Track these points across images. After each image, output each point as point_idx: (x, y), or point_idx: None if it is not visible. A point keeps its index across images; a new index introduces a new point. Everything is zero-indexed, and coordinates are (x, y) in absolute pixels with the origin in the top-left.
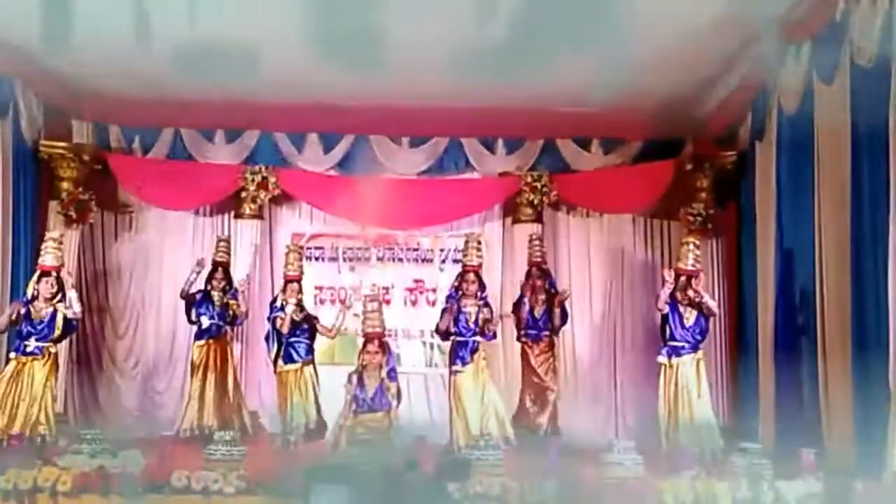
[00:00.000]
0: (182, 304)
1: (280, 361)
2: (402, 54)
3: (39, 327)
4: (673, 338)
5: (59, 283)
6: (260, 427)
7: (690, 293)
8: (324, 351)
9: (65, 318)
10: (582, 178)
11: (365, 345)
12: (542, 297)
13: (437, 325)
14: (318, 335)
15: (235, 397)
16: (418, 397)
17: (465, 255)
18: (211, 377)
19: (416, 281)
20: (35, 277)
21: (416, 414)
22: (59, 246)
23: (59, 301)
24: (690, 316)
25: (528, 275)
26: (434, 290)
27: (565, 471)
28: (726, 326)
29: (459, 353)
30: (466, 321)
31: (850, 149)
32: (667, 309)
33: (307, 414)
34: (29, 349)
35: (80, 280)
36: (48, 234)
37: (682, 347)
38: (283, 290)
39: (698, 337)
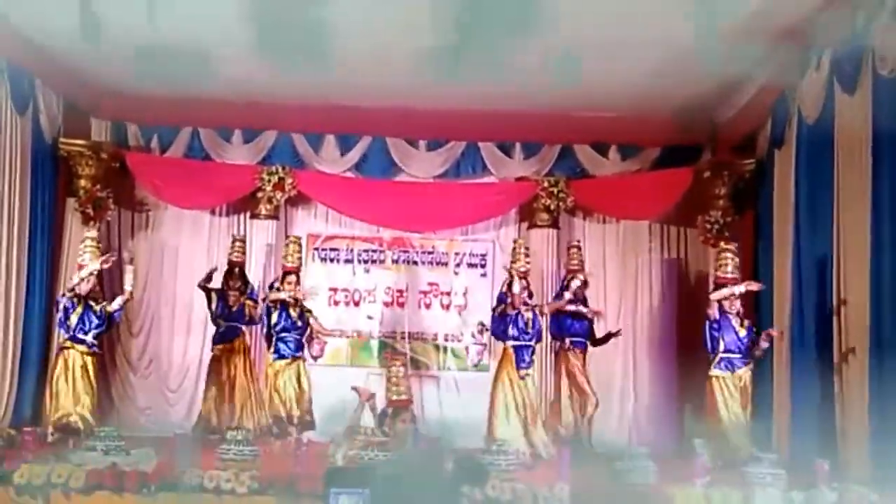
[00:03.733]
0: (197, 301)
1: (270, 356)
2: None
3: (93, 322)
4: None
5: (101, 280)
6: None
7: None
8: (334, 353)
9: (108, 313)
10: (599, 183)
11: (394, 415)
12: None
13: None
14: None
15: (253, 398)
16: (431, 400)
17: (513, 262)
18: (228, 379)
19: (431, 284)
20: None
21: (429, 416)
22: (98, 245)
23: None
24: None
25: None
26: (448, 294)
27: (578, 477)
28: None
29: (522, 356)
30: (526, 325)
31: (870, 158)
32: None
33: (298, 408)
34: (89, 341)
35: (95, 277)
36: (86, 234)
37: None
38: (281, 282)
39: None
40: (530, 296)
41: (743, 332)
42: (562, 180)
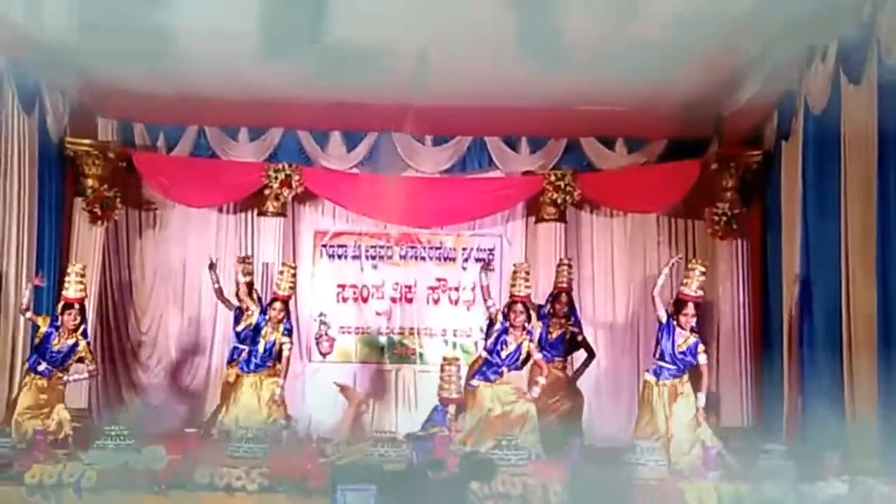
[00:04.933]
0: (205, 300)
1: (238, 365)
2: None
3: (55, 355)
4: (662, 358)
5: (83, 314)
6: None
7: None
8: (343, 350)
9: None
10: (606, 176)
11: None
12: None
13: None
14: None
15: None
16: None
17: (513, 286)
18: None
19: (439, 279)
20: (60, 307)
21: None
22: (83, 278)
23: (82, 333)
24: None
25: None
26: (456, 289)
27: (587, 472)
28: (751, 327)
29: (483, 370)
30: (500, 352)
31: (877, 148)
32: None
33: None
34: (39, 369)
35: (103, 277)
36: (70, 267)
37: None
38: (269, 306)
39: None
40: (528, 319)
41: (683, 347)
42: (568, 174)
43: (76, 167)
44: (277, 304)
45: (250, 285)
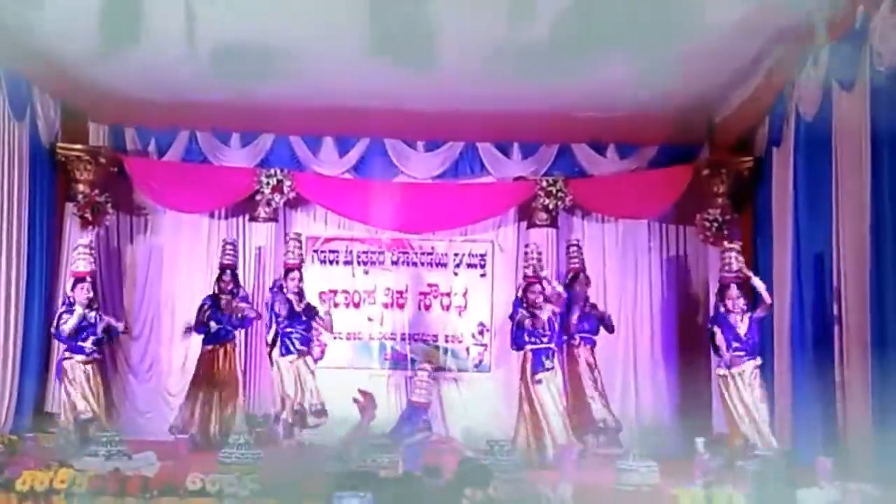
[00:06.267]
0: (196, 305)
1: (276, 352)
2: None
3: (89, 330)
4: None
5: (95, 288)
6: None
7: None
8: (336, 356)
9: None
10: (597, 182)
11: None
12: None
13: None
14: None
15: (236, 401)
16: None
17: (527, 268)
18: (216, 381)
19: (431, 285)
20: (70, 284)
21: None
22: (90, 251)
23: (98, 308)
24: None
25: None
26: (448, 295)
27: (582, 477)
28: None
29: (540, 360)
30: (542, 335)
31: (869, 154)
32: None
33: (302, 403)
34: (88, 350)
35: (95, 281)
36: (78, 241)
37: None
38: (284, 279)
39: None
40: (546, 300)
41: (744, 329)
42: (560, 179)
43: (67, 172)
44: (294, 274)
45: (234, 270)
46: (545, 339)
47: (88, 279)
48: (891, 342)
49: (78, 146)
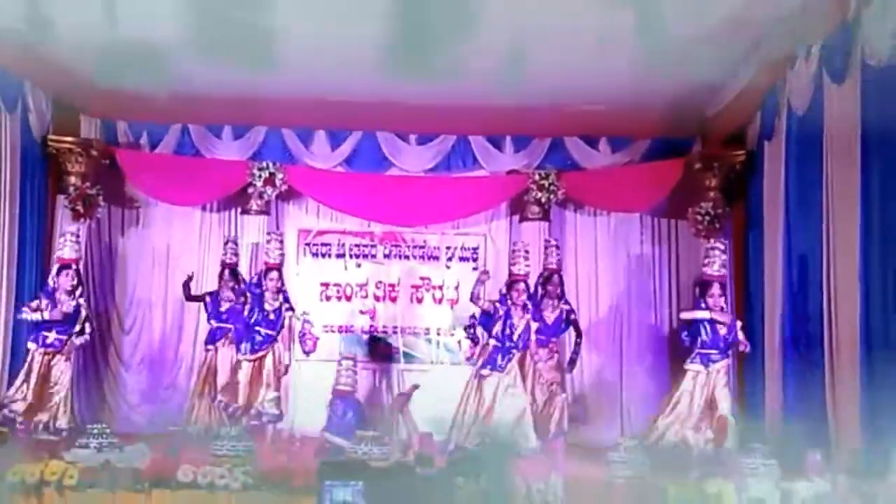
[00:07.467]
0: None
1: (242, 347)
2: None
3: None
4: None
5: (79, 275)
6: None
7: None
8: (327, 348)
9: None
10: (590, 176)
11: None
12: (554, 302)
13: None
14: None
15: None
16: (423, 394)
17: (513, 265)
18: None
19: (423, 278)
20: (54, 271)
21: (421, 410)
22: (77, 239)
23: (81, 295)
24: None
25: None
26: (440, 288)
27: (572, 470)
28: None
29: (494, 357)
30: (511, 335)
31: (860, 149)
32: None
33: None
34: (49, 341)
35: (86, 274)
36: (66, 228)
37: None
38: (264, 277)
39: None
40: (530, 298)
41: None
42: (552, 173)
43: (59, 165)
44: (273, 273)
45: (235, 268)
46: (508, 342)
47: (74, 266)
48: (880, 337)
49: (69, 139)
